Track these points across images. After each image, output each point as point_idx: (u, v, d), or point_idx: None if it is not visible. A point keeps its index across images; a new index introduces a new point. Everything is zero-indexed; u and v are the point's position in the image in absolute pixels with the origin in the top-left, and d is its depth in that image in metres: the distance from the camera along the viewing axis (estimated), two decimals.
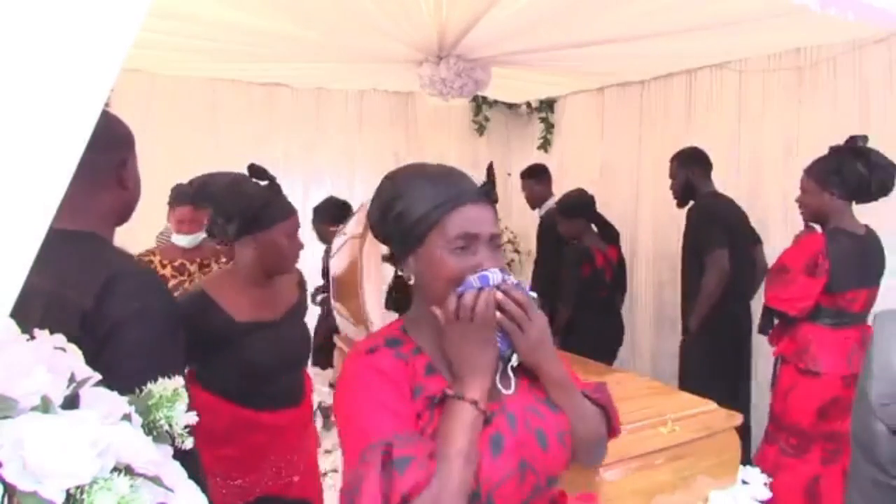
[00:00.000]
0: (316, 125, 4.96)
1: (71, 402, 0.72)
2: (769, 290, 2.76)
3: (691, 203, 3.55)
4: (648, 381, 2.42)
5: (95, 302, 1.13)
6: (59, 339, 0.81)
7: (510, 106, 5.63)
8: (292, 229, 2.00)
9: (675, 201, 3.67)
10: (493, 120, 5.64)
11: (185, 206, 3.05)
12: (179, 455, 0.79)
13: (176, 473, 0.74)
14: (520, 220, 5.66)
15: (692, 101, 4.29)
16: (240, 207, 1.92)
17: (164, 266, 3.10)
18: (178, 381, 0.82)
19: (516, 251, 5.44)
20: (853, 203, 2.70)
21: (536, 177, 4.60)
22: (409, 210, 1.08)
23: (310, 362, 3.24)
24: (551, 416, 1.12)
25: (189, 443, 0.79)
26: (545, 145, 5.50)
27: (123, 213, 1.36)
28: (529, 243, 5.55)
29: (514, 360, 1.11)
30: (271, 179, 2.10)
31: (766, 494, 2.16)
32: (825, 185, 2.65)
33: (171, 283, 2.98)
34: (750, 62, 3.90)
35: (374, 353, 1.10)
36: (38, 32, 0.59)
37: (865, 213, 2.82)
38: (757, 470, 2.27)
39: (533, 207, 4.71)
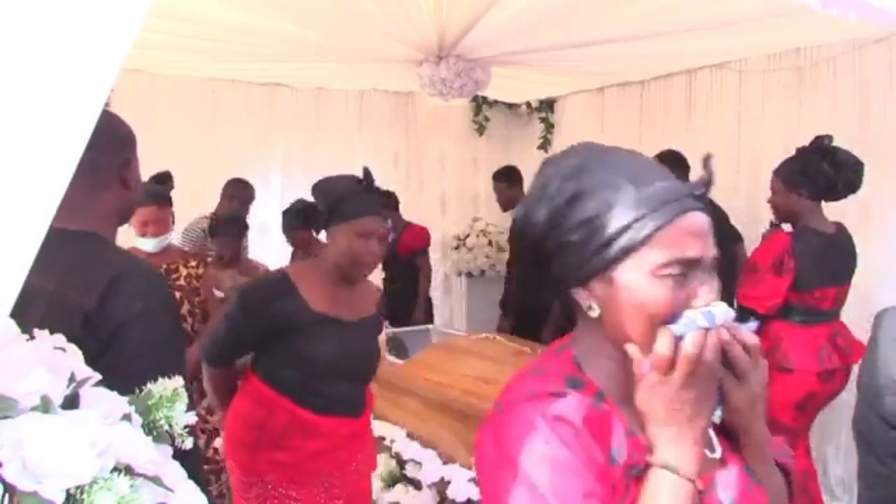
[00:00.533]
0: (316, 125, 4.96)
1: (71, 402, 0.72)
2: (741, 288, 2.79)
3: None
4: None
5: (98, 302, 1.13)
6: (59, 339, 0.81)
7: (510, 106, 5.63)
8: (365, 229, 1.88)
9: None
10: (493, 120, 5.64)
11: (149, 206, 2.79)
12: (179, 455, 0.79)
13: (176, 473, 0.74)
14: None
15: (692, 101, 4.29)
16: (324, 196, 1.94)
17: None
18: (178, 381, 0.82)
19: None
20: (822, 202, 2.75)
21: (508, 179, 4.64)
22: (605, 217, 0.81)
23: None
24: (760, 496, 0.87)
25: (189, 443, 0.79)
26: (545, 145, 5.50)
27: (126, 212, 1.36)
28: None
29: (718, 417, 0.87)
30: (369, 181, 2.00)
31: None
32: (793, 186, 2.70)
33: None
34: (750, 62, 3.90)
35: (561, 398, 0.82)
36: (38, 32, 0.59)
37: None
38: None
39: (504, 209, 4.71)
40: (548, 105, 5.45)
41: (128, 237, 3.05)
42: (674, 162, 3.52)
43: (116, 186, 1.29)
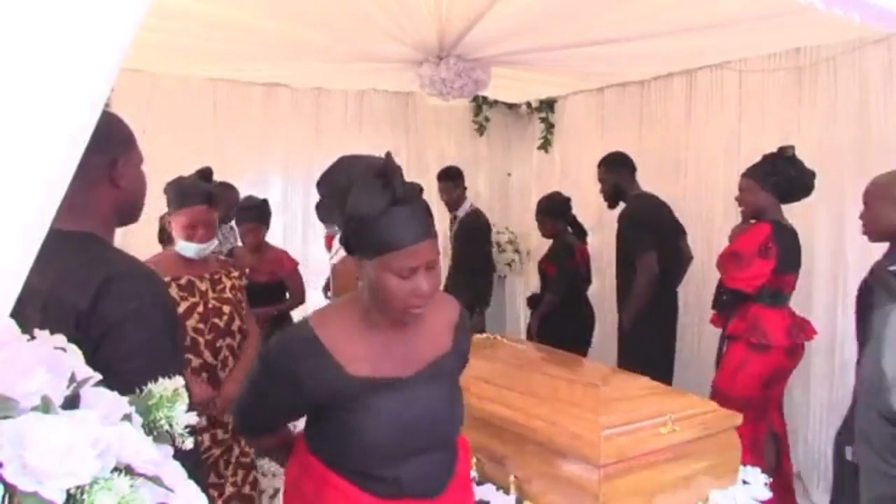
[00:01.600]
0: (316, 125, 4.96)
1: (71, 402, 0.72)
2: (726, 273, 3.11)
3: (622, 205, 3.87)
4: (648, 382, 2.42)
5: (91, 303, 1.13)
6: (60, 339, 0.81)
7: (510, 106, 5.63)
8: (406, 264, 1.32)
9: (674, 200, 3.84)
10: (493, 120, 5.64)
11: (199, 206, 2.42)
12: (179, 455, 0.79)
13: (176, 473, 0.74)
14: (520, 220, 5.66)
15: (692, 101, 4.29)
16: (345, 218, 1.37)
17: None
18: (179, 382, 0.82)
19: (516, 251, 5.44)
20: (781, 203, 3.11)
21: (454, 179, 4.63)
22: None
23: None
24: None
25: (189, 443, 0.79)
26: (545, 145, 5.50)
27: (121, 213, 1.35)
28: (529, 243, 5.55)
29: None
30: (393, 184, 1.39)
31: (767, 494, 2.16)
32: (763, 185, 3.03)
33: (182, 307, 2.39)
34: (750, 62, 3.90)
35: None
36: (38, 33, 0.59)
37: None
38: (757, 470, 2.27)
39: (451, 209, 4.72)
40: (548, 105, 5.45)
41: (145, 242, 3.01)
42: (616, 163, 3.94)
43: (105, 186, 1.28)
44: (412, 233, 1.34)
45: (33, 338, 0.79)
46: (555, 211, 4.28)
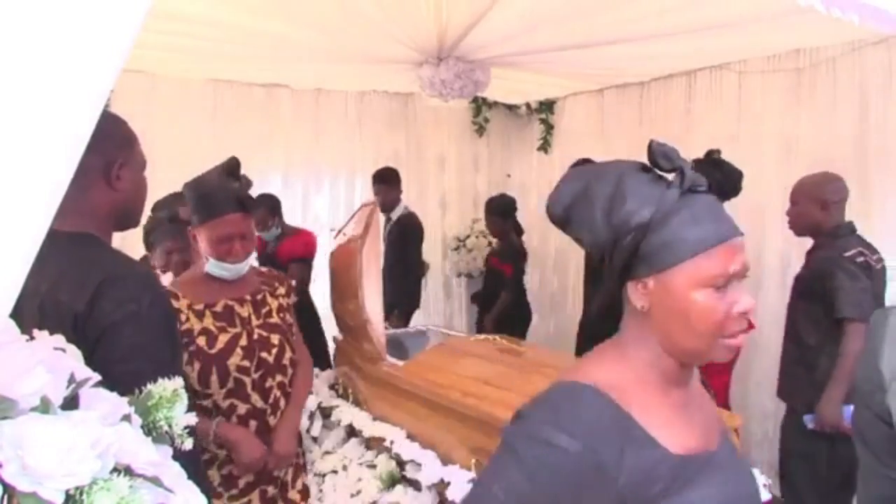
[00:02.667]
0: (316, 126, 4.96)
1: (71, 403, 0.72)
2: None
3: None
4: None
5: (87, 304, 1.13)
6: (59, 339, 0.81)
7: (510, 107, 5.64)
8: (723, 269, 0.96)
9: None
10: (492, 121, 5.65)
11: (232, 214, 1.95)
12: (179, 455, 0.79)
13: (176, 474, 0.74)
14: (519, 220, 5.66)
15: (692, 101, 4.29)
16: (613, 227, 0.99)
17: (198, 316, 1.93)
18: (178, 382, 0.82)
19: None
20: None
21: (389, 182, 4.64)
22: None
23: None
24: None
25: (189, 443, 0.79)
26: (545, 146, 5.50)
27: (118, 216, 1.34)
28: (529, 243, 5.55)
29: None
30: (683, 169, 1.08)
31: (765, 496, 2.16)
32: None
33: (221, 341, 1.92)
34: (749, 63, 3.90)
35: None
36: (39, 33, 0.59)
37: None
38: (756, 471, 2.27)
39: (385, 212, 4.69)
40: (547, 106, 5.45)
41: (126, 244, 3.00)
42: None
43: (101, 187, 1.27)
44: (726, 223, 1.03)
45: (33, 338, 0.79)
46: (504, 211, 4.46)
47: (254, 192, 3.36)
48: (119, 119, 1.35)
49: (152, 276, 1.31)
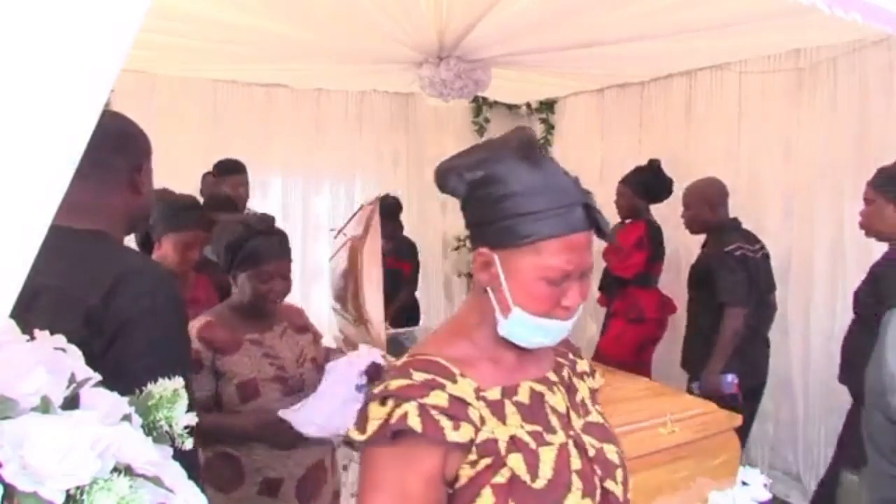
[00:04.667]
0: (316, 126, 4.96)
1: (71, 403, 0.72)
2: (610, 263, 3.87)
3: None
4: (647, 383, 2.42)
5: (103, 299, 1.13)
6: (59, 339, 0.81)
7: (510, 107, 5.64)
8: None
9: (671, 201, 3.97)
10: (493, 121, 5.64)
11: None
12: (179, 455, 0.79)
13: (176, 474, 0.75)
14: None
15: (692, 101, 4.29)
16: None
17: (498, 413, 0.99)
18: (179, 382, 0.82)
19: None
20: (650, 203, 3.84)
21: (241, 173, 4.61)
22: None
23: None
24: None
25: (189, 443, 0.79)
26: (545, 146, 5.50)
27: (134, 218, 1.34)
28: None
29: None
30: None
31: (766, 495, 2.16)
32: (635, 191, 3.80)
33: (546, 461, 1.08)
34: (750, 63, 3.90)
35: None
36: (39, 32, 0.60)
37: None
38: (756, 471, 2.28)
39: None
40: (548, 106, 5.45)
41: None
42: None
43: (125, 190, 1.28)
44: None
45: (33, 338, 0.79)
46: (392, 213, 4.42)
47: (253, 192, 3.32)
48: (135, 124, 1.36)
49: (167, 272, 1.32)
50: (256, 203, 4.23)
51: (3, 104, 0.59)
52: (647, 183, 3.80)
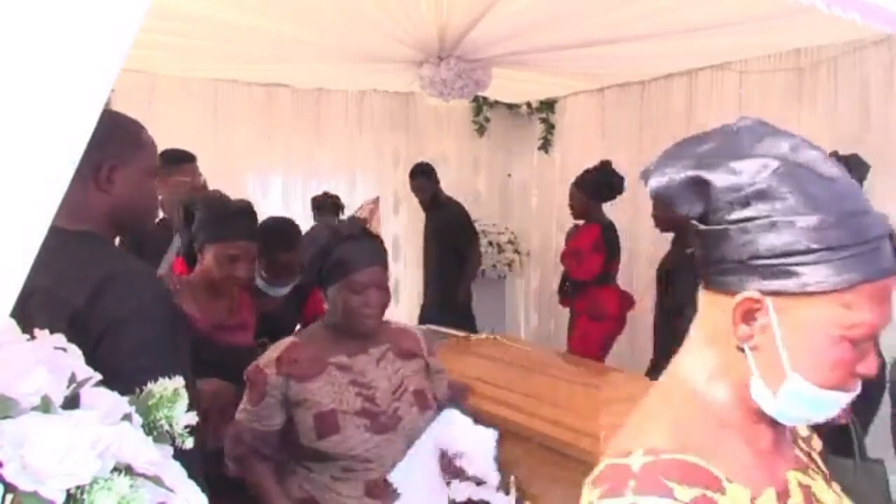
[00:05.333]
0: (316, 125, 4.96)
1: (71, 402, 0.72)
2: (570, 268, 4.05)
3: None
4: (648, 382, 2.42)
5: (89, 301, 1.12)
6: (60, 338, 0.81)
7: (510, 106, 5.64)
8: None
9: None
10: (493, 121, 5.65)
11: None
12: (179, 455, 0.79)
13: (176, 473, 0.75)
14: (520, 220, 5.67)
15: (692, 101, 4.29)
16: None
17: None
18: (179, 381, 0.82)
19: (516, 251, 5.45)
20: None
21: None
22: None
23: None
24: None
25: (189, 443, 0.79)
26: (546, 146, 5.50)
27: (117, 220, 1.31)
28: (529, 243, 5.55)
29: None
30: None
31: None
32: (587, 193, 3.93)
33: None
34: (750, 63, 3.90)
35: None
36: (39, 32, 0.60)
37: None
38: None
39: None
40: (548, 106, 5.45)
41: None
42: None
43: (92, 190, 1.25)
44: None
45: (33, 338, 0.79)
46: (330, 210, 4.37)
47: (254, 192, 3.29)
48: (127, 122, 1.32)
49: (154, 272, 1.30)
50: (256, 203, 4.22)
51: (4, 104, 0.59)
52: (600, 184, 3.95)
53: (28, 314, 0.89)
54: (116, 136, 1.29)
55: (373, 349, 1.73)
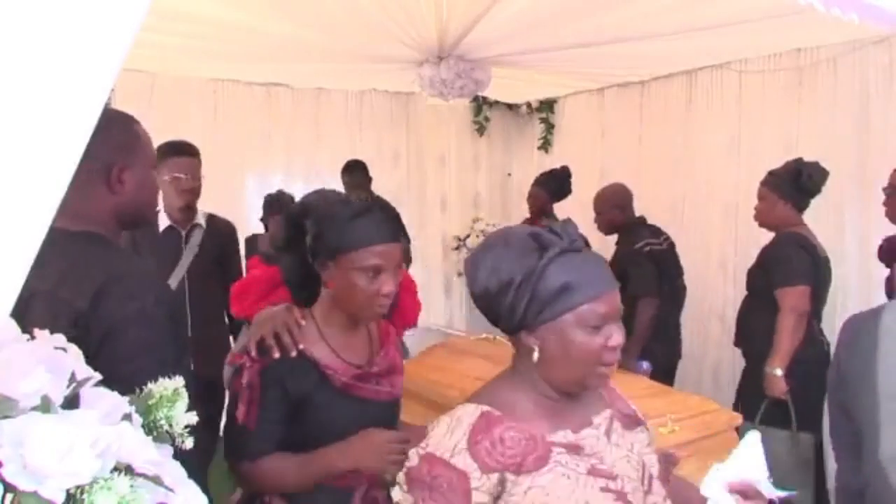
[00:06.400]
0: (316, 125, 4.96)
1: (71, 402, 0.72)
2: None
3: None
4: (648, 382, 2.42)
5: (91, 303, 1.12)
6: (60, 338, 0.81)
7: (510, 106, 5.64)
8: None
9: (674, 200, 4.10)
10: (493, 120, 5.65)
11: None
12: (179, 455, 0.79)
13: (176, 473, 0.75)
14: (519, 219, 5.65)
15: (692, 101, 4.29)
16: None
17: None
18: (179, 381, 0.82)
19: None
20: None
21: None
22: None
23: None
24: None
25: (189, 443, 0.79)
26: (545, 146, 5.50)
27: (123, 218, 1.32)
28: None
29: None
30: None
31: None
32: (549, 193, 4.14)
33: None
34: (750, 62, 3.90)
35: None
36: (39, 32, 0.60)
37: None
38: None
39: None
40: (548, 105, 5.44)
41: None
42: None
43: (102, 191, 1.26)
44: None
45: (33, 338, 0.79)
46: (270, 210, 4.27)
47: (252, 191, 3.26)
48: (123, 119, 1.33)
49: (156, 274, 1.30)
50: (256, 202, 4.23)
51: (4, 104, 0.59)
52: (561, 185, 4.15)
53: (30, 317, 0.90)
54: (119, 136, 1.30)
55: (596, 417, 1.20)
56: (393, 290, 1.46)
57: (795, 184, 3.00)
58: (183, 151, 3.03)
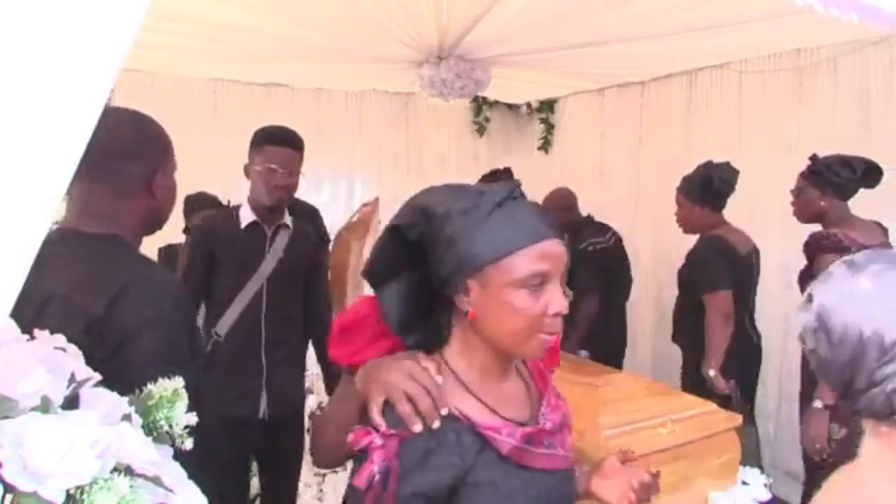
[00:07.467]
0: (316, 125, 4.95)
1: (71, 403, 0.72)
2: None
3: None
4: (648, 382, 2.42)
5: (106, 308, 1.11)
6: (59, 339, 0.81)
7: (510, 106, 5.64)
8: None
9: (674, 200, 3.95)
10: (493, 120, 5.65)
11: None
12: (179, 455, 0.79)
13: (176, 473, 0.74)
14: None
15: (692, 101, 4.29)
16: None
17: None
18: (178, 382, 0.81)
19: None
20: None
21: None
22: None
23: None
24: None
25: (189, 443, 0.79)
26: (545, 146, 5.50)
27: (151, 221, 1.33)
28: None
29: None
30: None
31: (766, 495, 2.16)
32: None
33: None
34: (750, 62, 3.90)
35: None
36: (39, 32, 0.59)
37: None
38: (757, 471, 2.27)
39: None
40: (548, 105, 5.45)
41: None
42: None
43: (142, 195, 1.27)
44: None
45: (33, 338, 0.79)
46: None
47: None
48: (157, 124, 1.34)
49: (175, 280, 1.29)
50: None
51: (4, 104, 0.59)
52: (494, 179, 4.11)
53: (44, 320, 0.89)
54: (159, 141, 1.32)
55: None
56: (565, 308, 1.03)
57: (707, 188, 3.11)
58: (283, 141, 2.55)
